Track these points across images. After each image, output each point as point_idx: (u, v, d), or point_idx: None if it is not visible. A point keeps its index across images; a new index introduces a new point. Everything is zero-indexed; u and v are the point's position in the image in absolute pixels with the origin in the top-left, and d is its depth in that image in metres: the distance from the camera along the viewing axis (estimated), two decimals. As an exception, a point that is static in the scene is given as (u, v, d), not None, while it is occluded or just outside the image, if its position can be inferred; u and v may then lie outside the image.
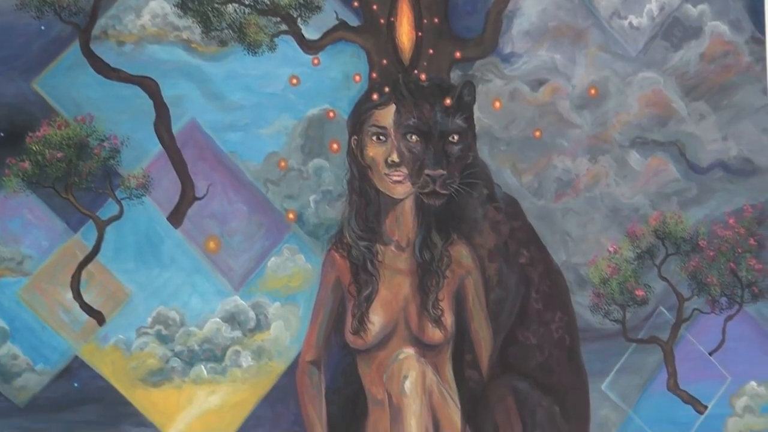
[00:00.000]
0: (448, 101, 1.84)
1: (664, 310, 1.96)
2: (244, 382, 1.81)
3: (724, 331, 1.98)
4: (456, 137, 1.85)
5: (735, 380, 1.97)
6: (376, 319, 1.85)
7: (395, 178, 1.83)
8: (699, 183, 1.98)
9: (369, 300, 1.85)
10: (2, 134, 1.73)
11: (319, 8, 1.84)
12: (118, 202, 1.76)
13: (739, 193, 1.98)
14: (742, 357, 1.98)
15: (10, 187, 1.73)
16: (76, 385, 1.75)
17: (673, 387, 1.96)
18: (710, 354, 1.97)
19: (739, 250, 1.98)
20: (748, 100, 1.99)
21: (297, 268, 1.84)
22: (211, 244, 1.80)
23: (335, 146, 1.84)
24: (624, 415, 1.96)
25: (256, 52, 1.82)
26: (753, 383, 1.97)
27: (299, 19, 1.83)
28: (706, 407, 1.97)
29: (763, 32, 2.00)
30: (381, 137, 1.83)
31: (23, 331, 1.74)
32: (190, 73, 1.80)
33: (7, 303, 1.73)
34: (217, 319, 1.80)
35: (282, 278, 1.83)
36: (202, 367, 1.80)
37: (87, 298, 1.75)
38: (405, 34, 1.87)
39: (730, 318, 1.98)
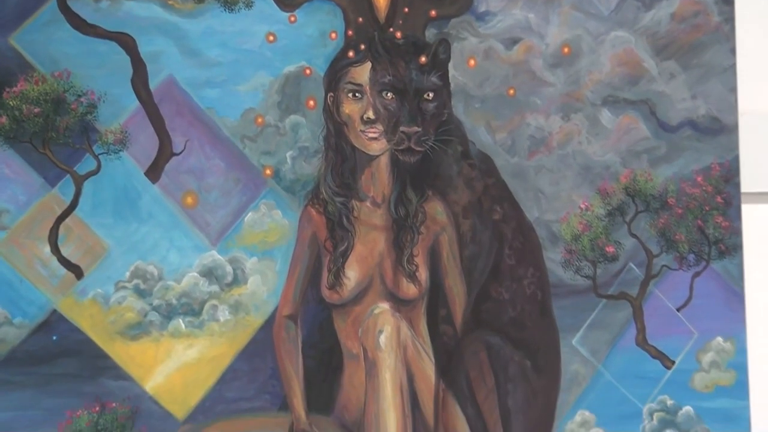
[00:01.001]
0: (423, 59, 1.84)
1: (634, 267, 1.95)
2: (222, 336, 1.80)
3: (691, 288, 1.96)
4: (431, 95, 1.85)
5: (701, 336, 1.96)
6: (352, 275, 1.85)
7: (371, 135, 1.83)
8: (668, 141, 1.97)
9: (345, 255, 1.85)
10: None
11: None
12: (96, 157, 1.75)
13: (706, 152, 1.97)
14: (708, 313, 1.97)
15: None
16: (54, 338, 1.74)
17: (642, 342, 1.95)
18: (678, 310, 1.96)
19: (707, 208, 1.96)
20: (717, 59, 1.98)
21: (274, 223, 1.82)
22: (189, 200, 1.79)
23: (312, 103, 1.83)
24: (594, 369, 1.94)
25: (232, 9, 1.81)
26: (719, 339, 1.97)
27: None
28: (673, 362, 1.96)
29: None
30: (357, 94, 1.83)
31: (1, 285, 1.72)
32: (167, 30, 1.78)
33: None
34: (195, 274, 1.79)
35: (259, 233, 1.82)
36: (180, 321, 1.78)
37: (65, 252, 1.74)
38: None
39: (697, 274, 1.97)
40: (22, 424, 1.72)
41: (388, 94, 1.82)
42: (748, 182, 1.99)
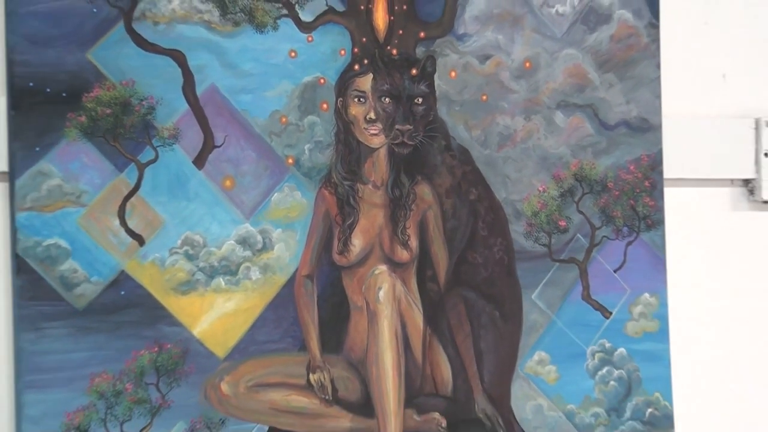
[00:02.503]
0: (414, 71, 1.96)
1: (581, 237, 2.07)
2: (254, 291, 1.89)
3: (625, 254, 2.09)
4: (420, 100, 1.95)
5: (633, 292, 2.09)
6: (357, 243, 1.95)
7: (372, 132, 1.94)
8: (608, 137, 2.08)
9: (351, 227, 1.94)
10: (64, 94, 1.77)
11: None
12: (154, 149, 1.84)
13: (637, 146, 2.09)
14: (638, 274, 2.09)
15: (70, 137, 1.78)
16: (122, 293, 1.81)
17: (586, 297, 2.07)
18: (614, 271, 2.09)
19: (637, 191, 2.09)
20: (645, 72, 2.10)
21: (295, 202, 1.92)
22: (227, 183, 1.88)
23: (325, 106, 1.94)
24: (548, 318, 2.05)
25: (262, 31, 1.90)
26: (646, 294, 2.10)
27: (297, 6, 1.91)
28: (611, 313, 2.08)
29: (657, 19, 2.10)
30: (361, 99, 1.94)
31: (81, 251, 1.79)
32: (211, 47, 1.86)
33: (68, 228, 1.78)
34: (232, 242, 1.87)
35: (283, 210, 1.91)
36: (220, 279, 1.87)
37: (130, 224, 1.82)
38: (380, 18, 1.97)
39: (629, 243, 2.09)
40: (98, 360, 1.79)
41: (386, 99, 1.93)
42: (669, 170, 2.11)
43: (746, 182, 2.22)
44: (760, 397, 2.23)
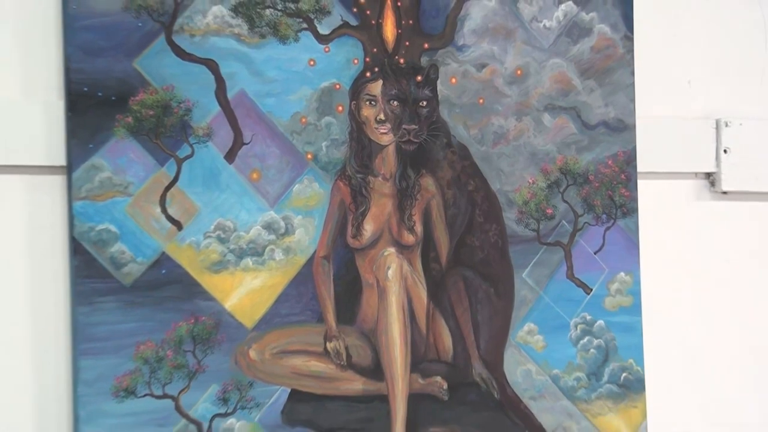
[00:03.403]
0: (419, 78, 1.93)
1: (565, 223, 2.05)
2: (277, 270, 1.86)
3: (604, 238, 2.06)
4: (424, 103, 1.92)
5: (610, 271, 2.06)
6: (368, 228, 1.92)
7: (382, 131, 1.91)
8: (589, 136, 2.05)
9: (363, 214, 1.91)
10: (113, 98, 1.76)
11: (329, 12, 1.90)
12: (191, 146, 1.81)
13: (614, 143, 2.07)
14: (615, 256, 2.07)
15: (119, 135, 1.76)
16: (163, 272, 1.79)
17: (570, 276, 2.04)
18: (594, 253, 2.06)
19: (614, 183, 2.06)
20: (621, 79, 2.07)
21: (313, 192, 1.89)
22: (254, 175, 1.85)
23: (340, 108, 1.91)
24: (537, 294, 2.02)
25: (285, 43, 1.87)
26: (622, 273, 2.08)
27: (315, 20, 1.89)
28: (591, 290, 2.06)
29: (632, 32, 2.08)
30: (372, 102, 1.91)
31: (128, 235, 1.77)
32: (240, 57, 1.84)
33: (117, 215, 1.76)
34: (259, 227, 1.85)
35: (303, 199, 1.89)
36: (248, 260, 1.85)
37: (170, 212, 1.80)
38: (389, 31, 1.94)
39: (608, 229, 2.06)
40: (143, 331, 1.77)
41: (394, 103, 1.90)
42: (642, 164, 2.09)
43: (708, 175, 2.22)
44: (719, 361, 2.22)
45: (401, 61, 1.94)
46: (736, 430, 2.21)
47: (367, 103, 1.92)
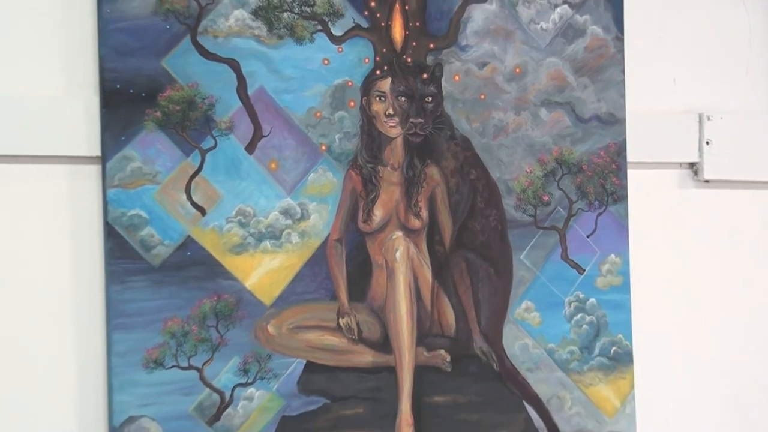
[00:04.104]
0: (425, 76, 1.90)
1: (560, 209, 2.01)
2: (294, 252, 1.84)
3: (596, 223, 2.03)
4: (430, 99, 1.89)
5: (601, 254, 2.04)
6: (378, 213, 1.89)
7: (391, 125, 1.88)
8: (583, 129, 2.02)
9: (373, 201, 1.88)
10: (143, 94, 1.73)
11: (342, 15, 1.87)
12: (214, 138, 1.79)
13: (606, 136, 2.04)
14: (606, 239, 2.04)
15: (148, 128, 1.74)
16: (188, 253, 1.77)
17: (565, 257, 2.01)
18: (587, 237, 2.03)
19: (606, 172, 2.03)
20: (612, 76, 2.04)
21: (327, 180, 1.87)
22: (273, 165, 1.83)
23: (352, 104, 1.88)
24: (534, 274, 1.99)
25: (301, 43, 1.85)
26: (612, 255, 2.05)
27: (329, 22, 1.86)
28: (584, 270, 2.03)
29: (622, 33, 2.05)
30: (381, 98, 1.88)
31: (157, 219, 1.75)
32: (259, 56, 1.81)
33: (147, 201, 1.74)
34: (276, 212, 1.83)
35: (317, 187, 1.86)
36: (267, 242, 1.82)
37: (195, 198, 1.78)
38: (397, 32, 1.91)
39: (599, 214, 2.03)
40: (170, 307, 1.75)
41: (402, 98, 1.88)
42: (631, 155, 2.05)
43: (691, 165, 2.20)
44: (701, 336, 2.21)
45: (408, 60, 1.91)
46: (718, 401, 2.21)
47: (377, 98, 1.89)
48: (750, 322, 2.23)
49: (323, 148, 1.87)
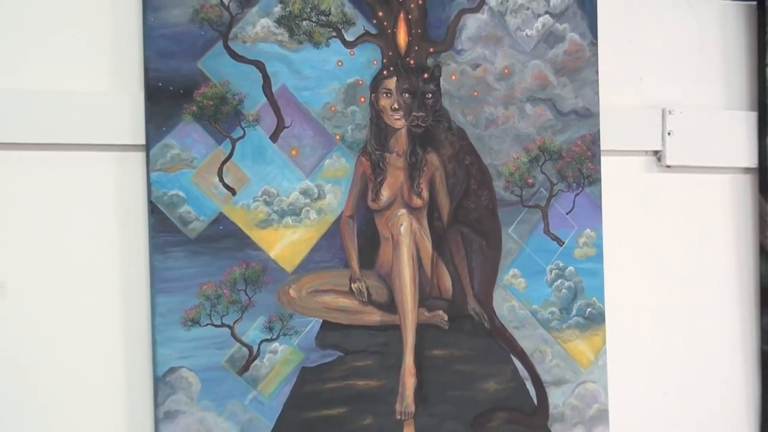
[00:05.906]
0: (425, 75, 1.79)
1: (543, 190, 1.90)
2: (312, 227, 1.72)
3: (574, 202, 1.92)
4: (430, 95, 1.78)
5: (578, 228, 1.92)
6: (385, 193, 1.77)
7: (396, 117, 1.77)
8: (562, 121, 1.91)
9: (381, 183, 1.77)
10: (181, 91, 1.61)
11: (354, 24, 1.74)
12: (243, 129, 1.66)
13: (582, 127, 1.92)
14: (582, 216, 1.93)
15: (186, 120, 1.61)
16: (221, 228, 1.65)
17: (547, 231, 1.90)
18: (566, 214, 1.92)
19: (582, 158, 1.92)
20: (588, 76, 1.92)
21: (341, 165, 1.75)
22: (293, 152, 1.70)
23: (362, 99, 1.75)
24: (520, 246, 1.87)
25: (318, 47, 1.72)
26: (588, 230, 1.93)
27: (342, 30, 1.73)
28: (563, 242, 1.91)
29: (596, 39, 1.93)
30: (388, 94, 1.77)
31: (193, 199, 1.63)
32: (282, 59, 1.69)
33: (184, 183, 1.62)
34: (297, 193, 1.71)
35: (332, 171, 1.74)
36: (289, 218, 1.70)
37: (226, 180, 1.65)
38: (402, 38, 1.79)
39: (577, 195, 1.92)
40: (205, 274, 1.63)
41: (406, 95, 1.77)
42: (604, 144, 1.93)
43: (656, 152, 2.05)
44: (663, 297, 2.09)
45: (411, 62, 1.79)
46: (678, 354, 2.12)
47: (384, 95, 1.77)
48: (705, 286, 2.15)
49: (337, 137, 1.75)
